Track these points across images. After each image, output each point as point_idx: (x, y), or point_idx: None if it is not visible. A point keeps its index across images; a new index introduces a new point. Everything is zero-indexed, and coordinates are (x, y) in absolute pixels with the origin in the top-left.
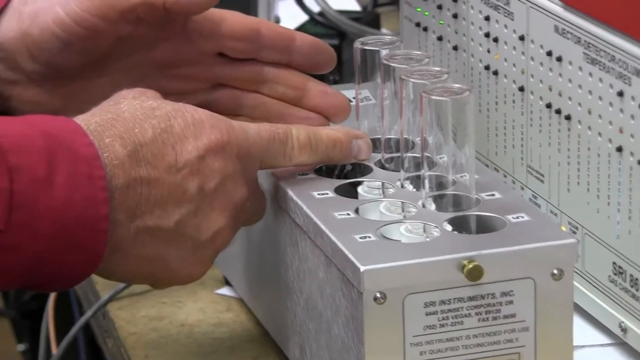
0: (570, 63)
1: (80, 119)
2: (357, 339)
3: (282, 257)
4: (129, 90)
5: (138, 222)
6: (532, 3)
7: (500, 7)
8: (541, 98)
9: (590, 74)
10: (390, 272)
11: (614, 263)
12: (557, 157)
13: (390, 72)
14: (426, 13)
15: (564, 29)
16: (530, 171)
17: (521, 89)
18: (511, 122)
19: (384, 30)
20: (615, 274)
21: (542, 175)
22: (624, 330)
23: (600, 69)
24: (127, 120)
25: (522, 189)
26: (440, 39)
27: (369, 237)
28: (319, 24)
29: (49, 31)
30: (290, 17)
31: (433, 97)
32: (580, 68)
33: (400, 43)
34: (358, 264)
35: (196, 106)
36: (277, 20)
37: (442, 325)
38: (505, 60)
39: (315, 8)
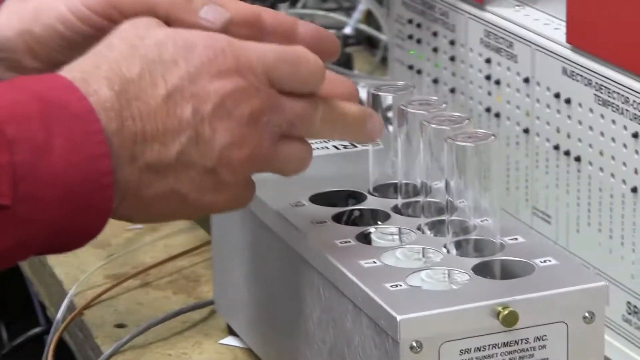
0: (580, 105)
1: (66, 71)
2: None
3: (301, 306)
4: (123, 24)
5: (140, 162)
6: (538, 45)
7: (502, 50)
8: (548, 140)
9: (602, 116)
10: (426, 320)
11: (629, 302)
12: (566, 199)
13: (406, 117)
14: (420, 56)
15: (573, 71)
16: (536, 212)
17: (526, 130)
18: (514, 163)
19: (356, 72)
20: (629, 314)
21: (549, 216)
22: None
23: (613, 111)
24: (113, 59)
25: None
26: (435, 81)
27: (400, 285)
28: None
29: (52, 29)
30: None
31: (458, 143)
32: (591, 110)
33: (412, 89)
34: (394, 314)
35: None
36: None
37: None
38: (509, 102)
39: None
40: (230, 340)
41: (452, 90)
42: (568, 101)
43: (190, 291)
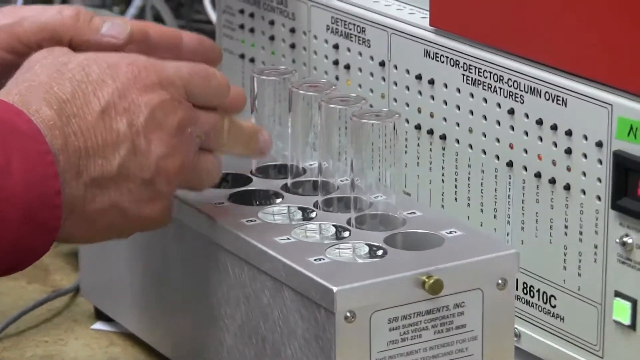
0: (446, 85)
1: (3, 95)
2: (324, 358)
3: (201, 285)
4: (39, 52)
5: (84, 178)
6: (396, 30)
7: (353, 35)
8: (407, 120)
9: (472, 95)
10: (359, 291)
11: None
12: (428, 176)
13: (296, 99)
14: (253, 44)
15: (437, 53)
16: None
17: None
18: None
19: None
20: None
21: (409, 194)
22: (518, 336)
23: (484, 90)
24: (44, 82)
25: None
26: None
27: (323, 259)
28: None
29: None
30: None
31: (364, 121)
32: (458, 90)
33: (295, 72)
34: (329, 285)
35: None
36: None
37: (403, 340)
38: (360, 86)
39: None
40: (100, 325)
41: None
42: (431, 82)
43: (44, 279)
